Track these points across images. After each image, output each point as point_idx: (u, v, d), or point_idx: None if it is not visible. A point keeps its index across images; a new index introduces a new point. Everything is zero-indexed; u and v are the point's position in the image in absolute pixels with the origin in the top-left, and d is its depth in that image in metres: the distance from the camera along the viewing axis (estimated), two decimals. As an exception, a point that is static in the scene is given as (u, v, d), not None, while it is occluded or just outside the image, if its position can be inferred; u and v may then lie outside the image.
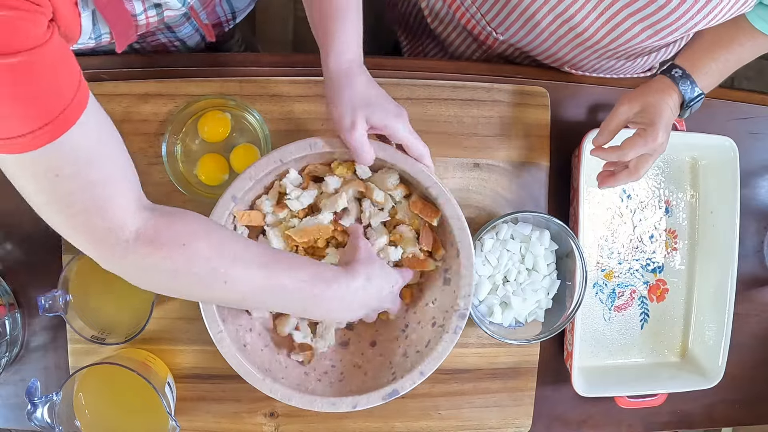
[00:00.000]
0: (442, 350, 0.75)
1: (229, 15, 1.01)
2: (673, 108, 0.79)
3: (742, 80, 1.97)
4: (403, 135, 0.71)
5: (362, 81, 0.70)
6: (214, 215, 0.73)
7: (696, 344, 0.98)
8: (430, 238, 0.79)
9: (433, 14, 1.02)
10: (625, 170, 0.80)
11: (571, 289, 0.87)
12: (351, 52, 0.70)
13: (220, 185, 0.85)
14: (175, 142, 0.84)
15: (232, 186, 0.73)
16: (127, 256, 0.59)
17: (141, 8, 0.67)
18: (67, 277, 0.80)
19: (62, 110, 0.50)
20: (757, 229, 1.01)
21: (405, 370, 0.76)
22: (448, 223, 0.76)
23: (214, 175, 0.85)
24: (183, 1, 0.70)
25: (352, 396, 0.74)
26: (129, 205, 0.59)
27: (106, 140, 0.57)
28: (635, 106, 0.79)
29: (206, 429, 0.88)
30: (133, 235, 0.59)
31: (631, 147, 0.77)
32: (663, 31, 0.81)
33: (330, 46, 0.69)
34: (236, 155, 0.85)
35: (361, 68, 0.71)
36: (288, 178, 0.77)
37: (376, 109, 0.69)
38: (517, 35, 0.91)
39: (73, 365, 0.85)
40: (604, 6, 0.80)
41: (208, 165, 0.85)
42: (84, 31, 0.63)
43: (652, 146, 0.77)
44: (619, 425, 0.98)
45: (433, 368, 0.75)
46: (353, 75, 0.70)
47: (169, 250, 0.60)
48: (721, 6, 0.75)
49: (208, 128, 0.84)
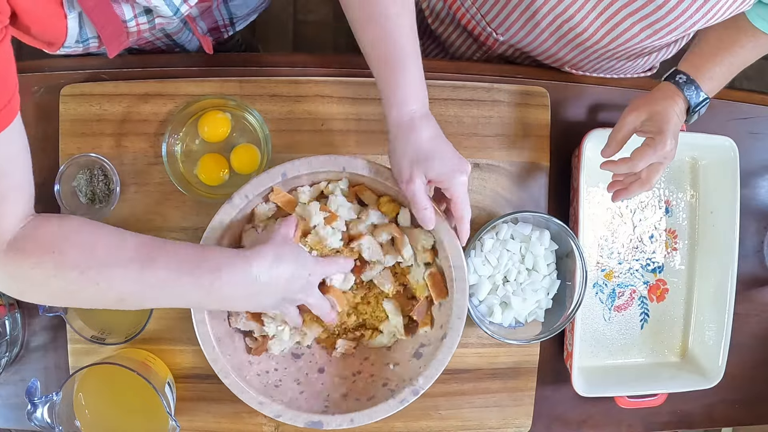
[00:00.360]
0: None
1: (227, 20, 1.01)
2: (680, 114, 0.79)
3: (742, 80, 1.97)
4: (457, 189, 0.70)
5: (425, 134, 0.69)
6: (259, 178, 0.73)
7: (696, 344, 0.98)
8: (423, 314, 0.80)
9: (434, 15, 1.02)
10: (638, 181, 0.80)
11: (571, 289, 0.87)
12: (413, 102, 0.69)
13: (220, 185, 0.85)
14: (175, 142, 0.84)
15: (290, 163, 0.73)
16: (4, 267, 0.59)
17: (131, 14, 0.66)
18: (67, 277, 0.80)
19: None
20: (757, 229, 1.01)
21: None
22: (451, 306, 0.76)
23: (215, 175, 0.85)
24: (175, 10, 0.68)
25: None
26: (14, 221, 0.59)
27: (17, 155, 0.58)
28: (642, 115, 0.79)
29: (206, 429, 0.88)
30: (4, 246, 0.59)
31: (641, 157, 0.77)
32: (662, 30, 0.81)
33: (392, 98, 0.68)
34: (236, 155, 0.85)
35: (422, 120, 0.69)
36: (339, 184, 0.77)
37: (436, 162, 0.68)
38: (516, 36, 0.91)
39: (73, 365, 0.85)
40: (603, 6, 0.80)
41: (209, 165, 0.85)
42: (70, 35, 0.63)
43: (662, 154, 0.77)
44: (619, 425, 0.98)
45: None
46: (415, 128, 0.69)
47: (38, 258, 0.59)
48: (719, 5, 0.75)
49: (208, 128, 0.84)
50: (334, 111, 0.87)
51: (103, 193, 0.84)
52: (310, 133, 0.87)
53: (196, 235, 0.76)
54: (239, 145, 0.85)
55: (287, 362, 0.82)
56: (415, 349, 0.80)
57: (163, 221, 0.85)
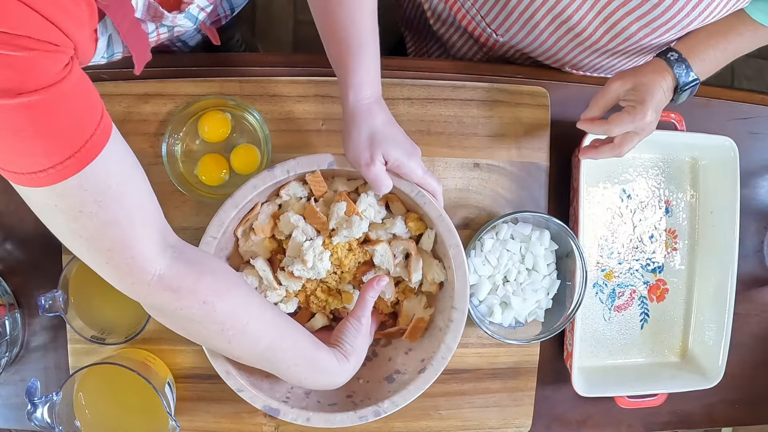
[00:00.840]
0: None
1: (228, 11, 1.02)
2: (666, 90, 0.79)
3: (742, 80, 1.97)
4: (418, 174, 0.74)
5: (381, 118, 0.72)
6: (308, 158, 0.75)
7: (696, 344, 0.98)
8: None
9: (435, 16, 1.02)
10: (610, 145, 0.80)
11: (571, 289, 0.87)
12: (370, 86, 0.71)
13: (220, 185, 0.85)
14: (175, 142, 0.84)
15: (333, 156, 0.75)
16: (149, 296, 0.61)
17: (153, 27, 0.68)
18: (67, 277, 0.80)
19: (84, 143, 0.50)
20: (757, 229, 1.01)
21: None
22: (439, 345, 0.77)
23: (215, 175, 0.85)
24: (195, 20, 0.70)
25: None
26: (153, 246, 0.59)
27: (129, 172, 0.57)
28: (627, 84, 0.79)
29: (206, 429, 0.88)
30: (155, 279, 0.59)
31: (618, 123, 0.77)
32: (660, 28, 0.81)
33: (349, 83, 0.70)
34: (237, 155, 0.85)
35: (379, 104, 0.72)
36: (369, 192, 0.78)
37: (393, 147, 0.71)
38: (516, 37, 0.91)
39: (73, 365, 0.85)
40: (600, 5, 0.80)
41: (209, 165, 0.85)
42: (98, 52, 0.64)
43: (640, 124, 0.77)
44: (619, 425, 0.98)
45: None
46: (372, 112, 0.71)
47: (189, 303, 0.62)
48: (714, 4, 0.75)
49: (209, 128, 0.84)
50: (334, 111, 0.87)
51: (103, 193, 0.84)
52: (310, 133, 0.87)
53: (196, 235, 0.76)
54: (239, 146, 0.85)
55: None
56: (389, 373, 0.81)
57: (163, 221, 0.85)
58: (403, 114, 0.88)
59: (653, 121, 0.78)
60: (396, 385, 0.78)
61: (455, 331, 0.76)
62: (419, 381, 0.76)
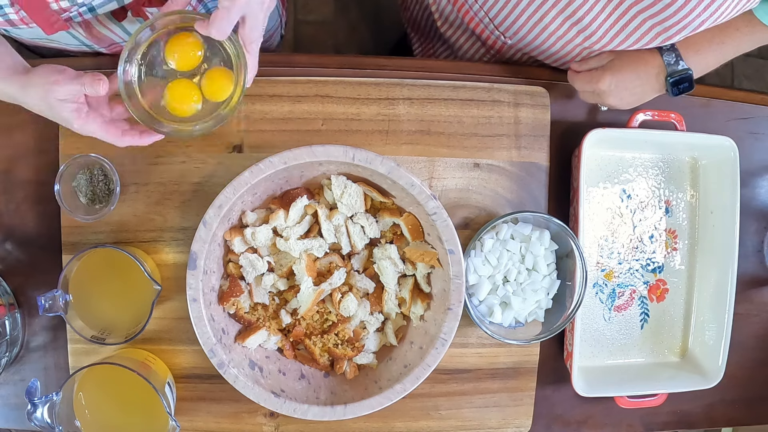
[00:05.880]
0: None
1: None
2: (644, 75, 0.83)
3: (742, 80, 1.97)
4: (253, 7, 0.65)
5: None
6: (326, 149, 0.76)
7: (696, 344, 0.98)
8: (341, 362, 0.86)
9: (443, 17, 1.02)
10: (580, 75, 0.86)
11: (571, 289, 0.87)
12: None
13: (193, 115, 0.72)
14: (134, 70, 0.70)
15: (353, 149, 0.76)
16: None
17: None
18: (67, 277, 0.80)
19: None
20: (757, 229, 1.01)
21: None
22: (419, 363, 0.80)
23: (186, 105, 0.72)
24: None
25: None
26: None
27: None
28: (613, 55, 0.84)
29: (206, 429, 0.88)
30: None
31: (577, 80, 0.86)
32: (671, 29, 0.80)
33: None
34: (210, 80, 0.71)
35: None
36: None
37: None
38: (525, 39, 0.91)
39: (73, 365, 0.85)
40: (612, 6, 0.80)
41: (179, 92, 0.71)
42: None
43: (596, 87, 0.83)
44: (619, 425, 0.98)
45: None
46: None
47: None
48: (726, 3, 0.75)
49: (179, 54, 0.70)
50: (334, 111, 0.87)
51: (103, 193, 0.84)
52: (310, 133, 0.87)
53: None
54: (212, 69, 0.71)
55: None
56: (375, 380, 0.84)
57: (163, 221, 0.85)
58: (403, 114, 0.88)
59: (610, 92, 0.83)
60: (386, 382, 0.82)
61: (435, 356, 0.79)
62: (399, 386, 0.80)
